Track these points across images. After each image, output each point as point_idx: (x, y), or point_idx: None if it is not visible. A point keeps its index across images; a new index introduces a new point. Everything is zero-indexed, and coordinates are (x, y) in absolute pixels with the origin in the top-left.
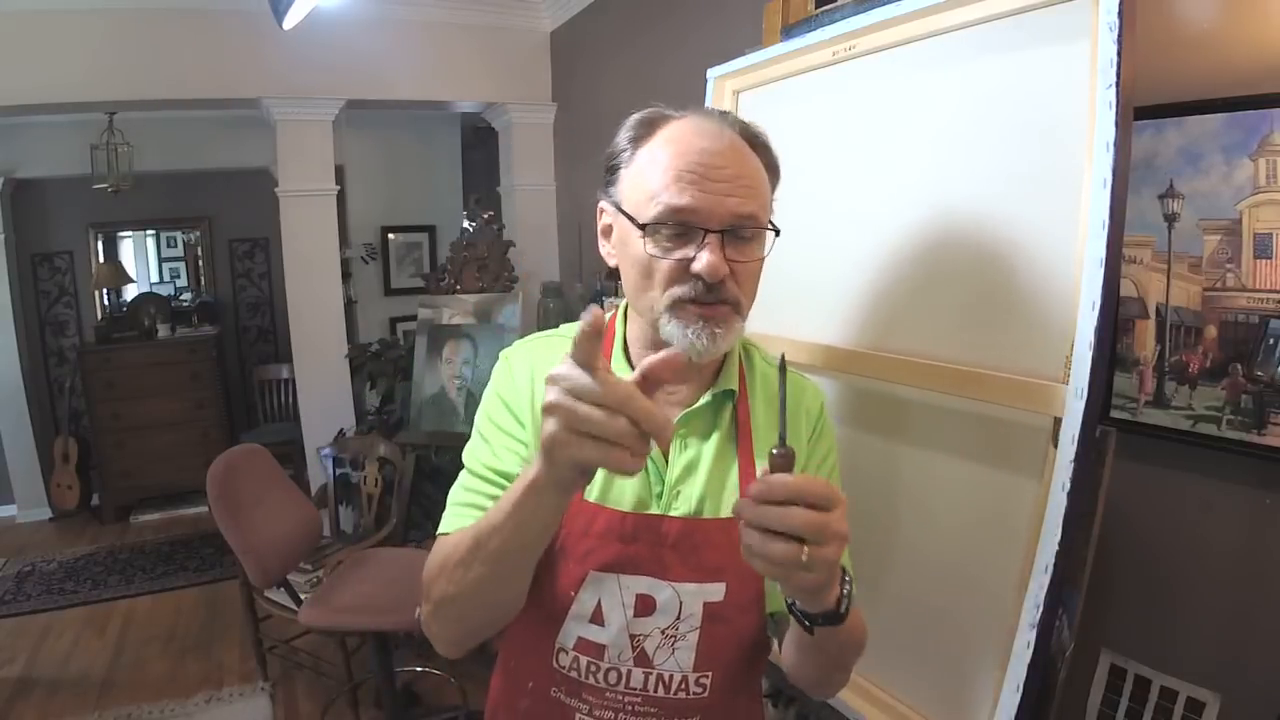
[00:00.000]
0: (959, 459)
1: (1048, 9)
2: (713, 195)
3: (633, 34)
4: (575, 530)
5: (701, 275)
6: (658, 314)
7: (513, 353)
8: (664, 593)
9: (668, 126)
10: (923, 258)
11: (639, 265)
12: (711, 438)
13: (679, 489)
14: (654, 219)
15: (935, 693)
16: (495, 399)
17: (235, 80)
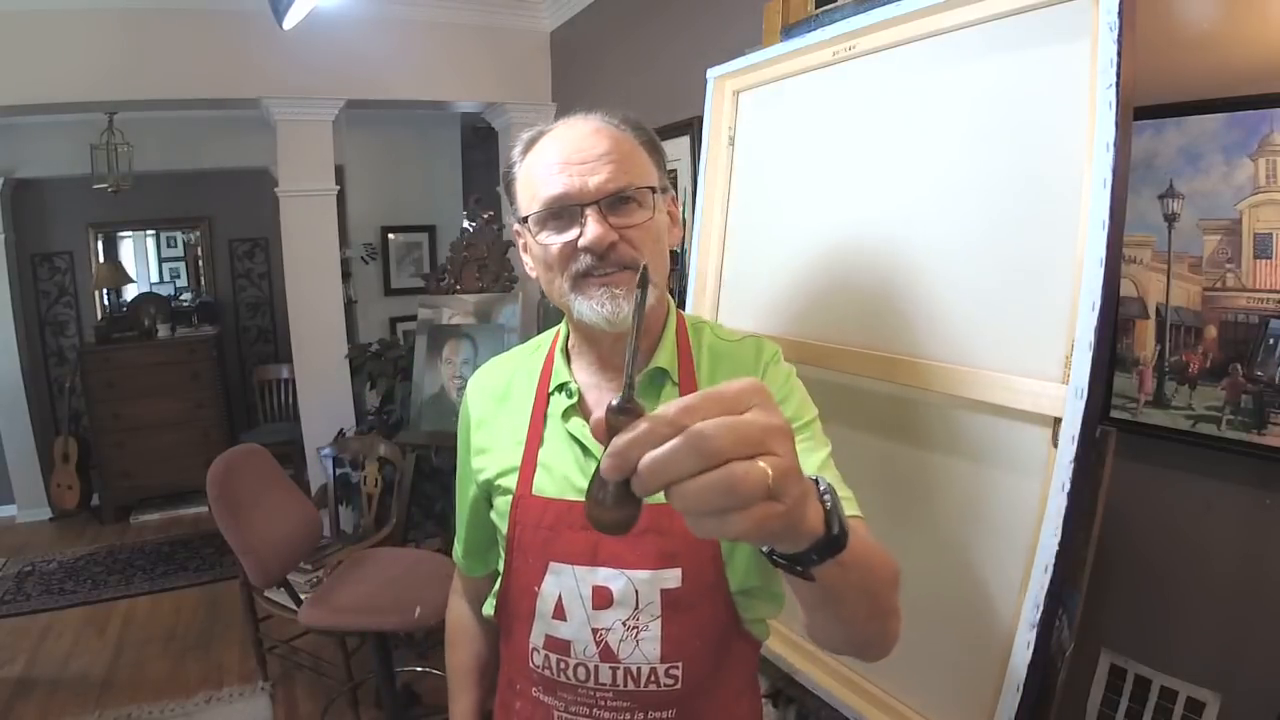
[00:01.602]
0: (959, 459)
1: (1048, 9)
2: (579, 177)
3: (633, 34)
4: (528, 523)
5: (588, 247)
6: (566, 298)
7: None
8: (618, 581)
9: (543, 138)
10: (923, 257)
11: (541, 261)
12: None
13: None
14: (536, 212)
15: (935, 693)
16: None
17: (235, 80)
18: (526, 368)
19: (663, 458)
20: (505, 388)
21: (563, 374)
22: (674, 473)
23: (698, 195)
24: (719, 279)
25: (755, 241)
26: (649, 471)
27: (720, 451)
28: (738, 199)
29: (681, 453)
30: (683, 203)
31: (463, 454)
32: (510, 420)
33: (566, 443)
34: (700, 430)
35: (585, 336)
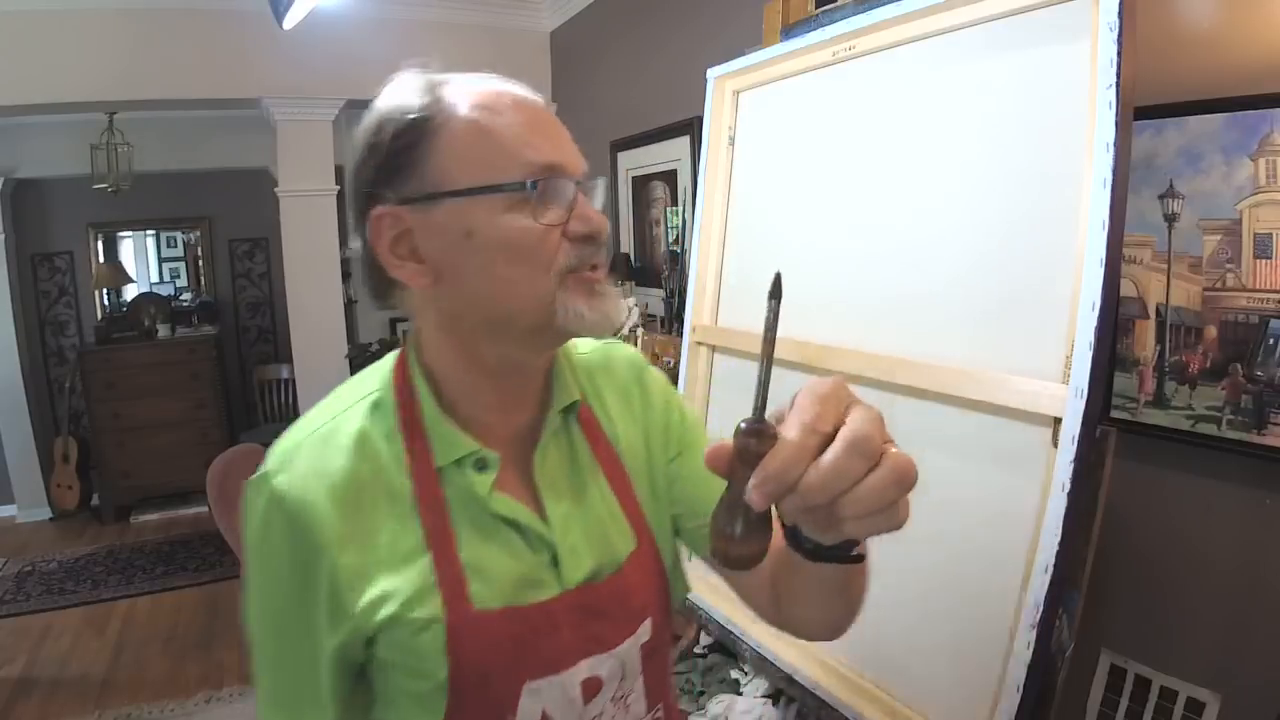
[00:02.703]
0: (959, 459)
1: (1047, 9)
2: (565, 146)
3: (633, 34)
4: (482, 648)
5: (593, 233)
6: (546, 301)
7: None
8: (607, 664)
9: (459, 87)
10: (922, 257)
11: (511, 250)
12: (572, 466)
13: (570, 544)
14: (511, 182)
15: (935, 693)
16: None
17: (235, 80)
18: (368, 441)
19: (834, 467)
20: (351, 479)
21: (457, 438)
22: (849, 479)
23: (698, 195)
24: (719, 279)
25: (755, 241)
26: (822, 484)
27: (879, 447)
28: (738, 199)
29: (849, 458)
30: (682, 203)
31: (299, 594)
32: (382, 524)
33: (495, 531)
34: (860, 431)
35: (490, 369)
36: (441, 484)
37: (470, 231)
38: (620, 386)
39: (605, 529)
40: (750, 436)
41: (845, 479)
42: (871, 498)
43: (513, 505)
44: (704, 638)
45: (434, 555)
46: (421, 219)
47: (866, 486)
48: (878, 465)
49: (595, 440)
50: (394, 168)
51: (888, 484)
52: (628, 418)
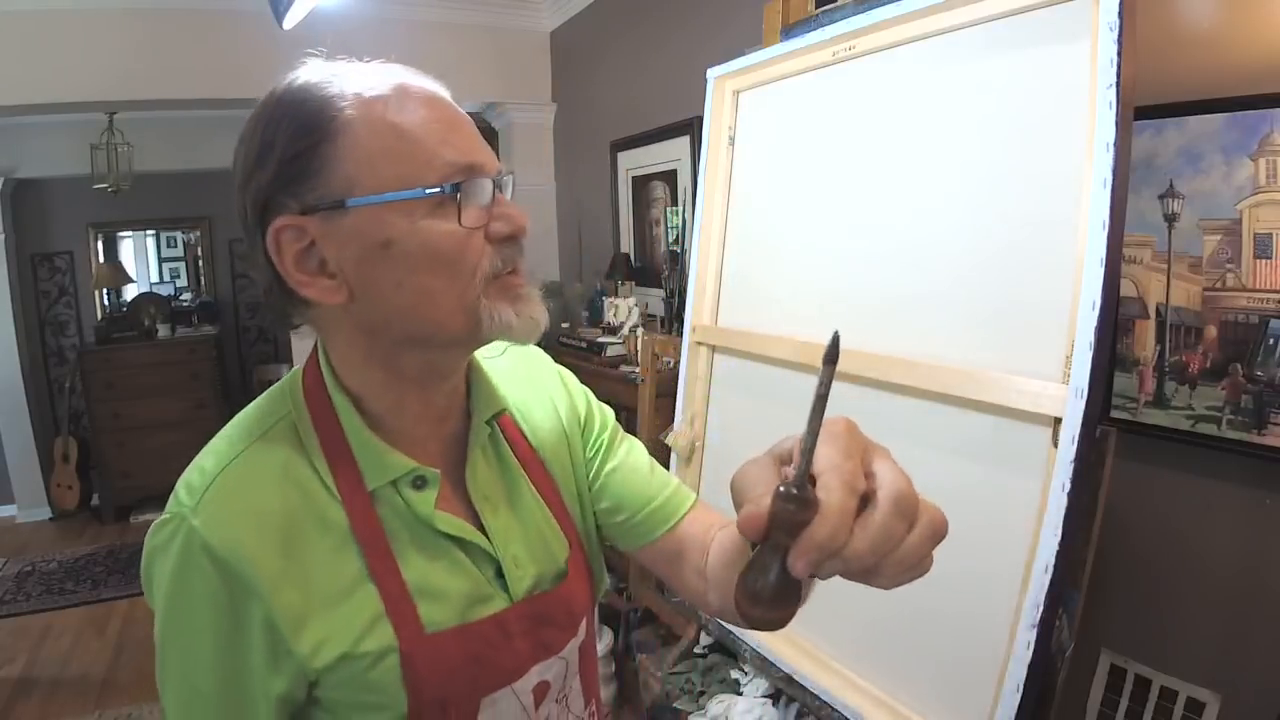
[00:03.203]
0: (959, 459)
1: (1048, 9)
2: (480, 144)
3: (633, 34)
4: (443, 670)
5: (516, 232)
6: (472, 310)
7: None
8: (554, 668)
9: (364, 81)
10: (922, 257)
11: (434, 258)
12: (502, 476)
13: (513, 555)
14: (432, 186)
15: (935, 693)
16: None
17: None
18: (292, 469)
19: (882, 533)
20: (278, 512)
21: (389, 457)
22: (894, 542)
23: (698, 195)
24: (719, 279)
25: (755, 241)
26: (871, 550)
27: (917, 504)
28: (738, 199)
29: (894, 520)
30: (682, 203)
31: (231, 645)
32: (318, 558)
33: (440, 551)
34: (899, 490)
35: (414, 379)
36: (376, 507)
37: (388, 241)
38: (537, 389)
39: (543, 536)
40: (791, 503)
41: (891, 542)
42: (913, 557)
43: (455, 522)
44: (704, 638)
45: (378, 583)
46: (329, 229)
47: (908, 546)
48: (915, 522)
49: (520, 447)
50: (293, 174)
51: (926, 541)
52: (547, 420)
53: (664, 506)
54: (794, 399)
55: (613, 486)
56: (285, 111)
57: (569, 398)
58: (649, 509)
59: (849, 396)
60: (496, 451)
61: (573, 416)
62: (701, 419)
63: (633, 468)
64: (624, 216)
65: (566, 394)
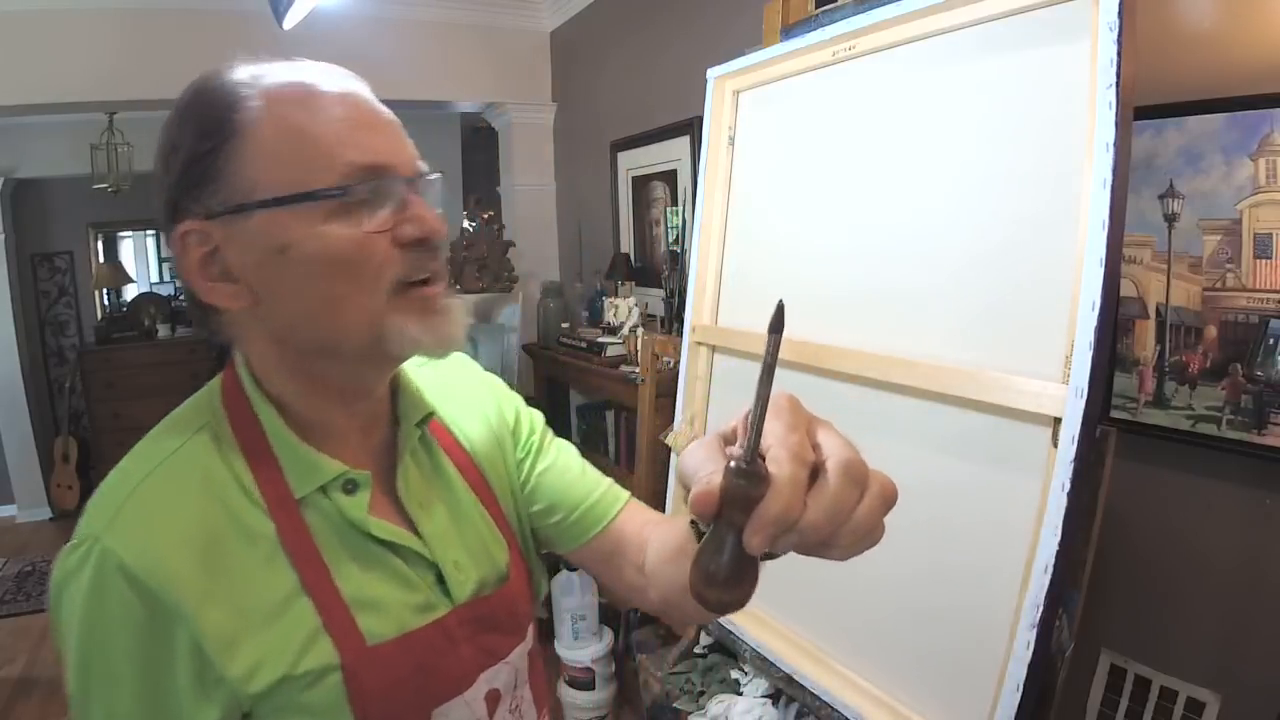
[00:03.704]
0: (959, 459)
1: (1048, 9)
2: (395, 143)
3: (633, 34)
4: (387, 684)
5: (426, 236)
6: (375, 322)
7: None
8: (503, 673)
9: (270, 79)
10: (922, 257)
11: (332, 264)
12: (435, 481)
13: (453, 559)
14: (328, 188)
15: (935, 693)
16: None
17: None
18: (214, 480)
19: (834, 503)
20: (202, 526)
21: (318, 462)
22: (847, 511)
23: (698, 195)
24: (719, 279)
25: (755, 242)
26: (826, 520)
27: (866, 470)
28: (738, 199)
29: (846, 488)
30: (682, 203)
31: (154, 673)
32: (247, 573)
33: (376, 558)
34: (847, 458)
35: (336, 390)
36: (305, 515)
37: (285, 246)
38: (465, 396)
39: (482, 540)
40: (742, 479)
41: (844, 511)
42: (867, 524)
43: (390, 528)
44: (704, 638)
45: (313, 596)
46: (230, 234)
47: (861, 513)
48: (865, 490)
49: (452, 451)
50: (197, 176)
51: (878, 508)
52: (477, 423)
53: (597, 505)
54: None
55: (545, 487)
56: (193, 113)
57: (497, 403)
58: (583, 508)
59: (849, 396)
60: (429, 456)
61: (502, 421)
62: (701, 419)
63: (564, 468)
64: (624, 216)
65: (495, 399)
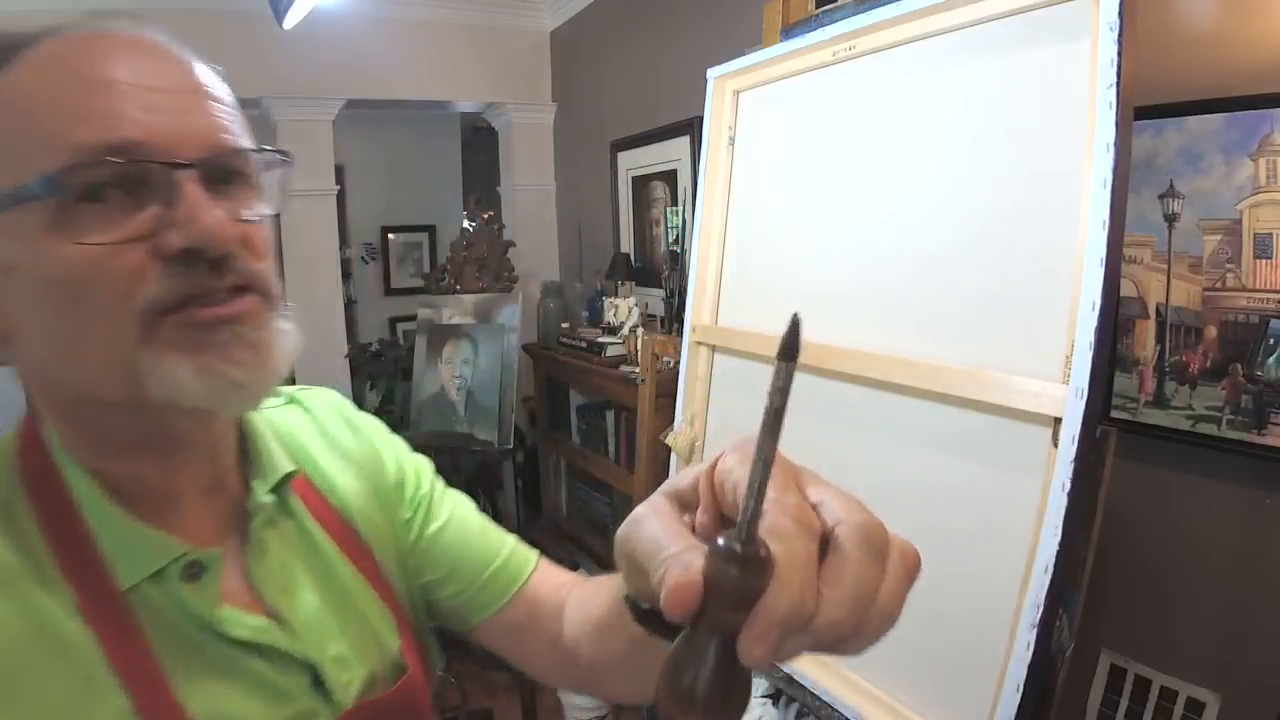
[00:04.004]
0: (959, 459)
1: (1048, 9)
2: (170, 113)
3: (633, 34)
4: None
5: (195, 246)
6: (124, 364)
7: None
8: None
9: (37, 47)
10: (923, 257)
11: (59, 289)
12: (305, 555)
13: (334, 654)
14: (69, 169)
15: (935, 693)
16: None
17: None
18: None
19: (858, 586)
20: None
21: (148, 539)
22: (872, 595)
23: (698, 195)
24: (719, 279)
25: (755, 242)
26: (852, 613)
27: (885, 535)
28: (738, 199)
29: (868, 566)
30: (682, 203)
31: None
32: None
33: (232, 662)
34: (863, 523)
35: (142, 447)
36: (135, 613)
37: (8, 266)
38: (335, 442)
39: (368, 624)
40: (735, 565)
41: (870, 595)
42: (894, 609)
43: (249, 621)
44: None
45: (135, 701)
46: None
47: (887, 596)
48: (887, 560)
49: (323, 516)
50: None
51: (904, 585)
52: (353, 478)
53: (505, 569)
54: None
55: (439, 552)
56: None
57: (375, 449)
58: (488, 574)
59: (849, 397)
60: (294, 524)
61: (381, 471)
62: (701, 419)
63: (461, 527)
64: (624, 216)
65: (372, 445)
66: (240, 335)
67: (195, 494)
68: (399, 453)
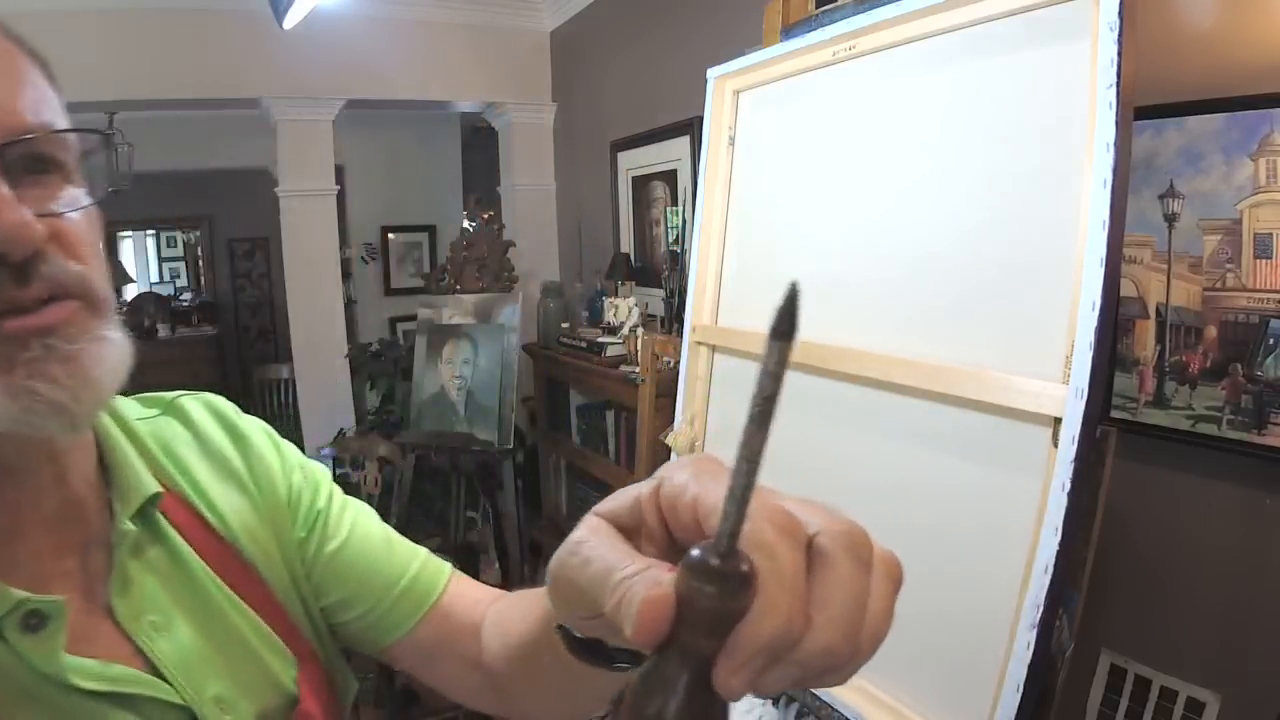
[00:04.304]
0: (959, 459)
1: (1048, 9)
2: None
3: (633, 34)
4: None
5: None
6: None
7: None
8: None
9: None
10: (923, 257)
11: None
12: (178, 584)
13: (213, 695)
14: None
15: (935, 693)
16: None
17: (235, 80)
18: None
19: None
20: None
21: None
22: (862, 608)
23: (698, 195)
24: (719, 279)
25: (756, 242)
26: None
27: (869, 543)
28: (738, 199)
29: (858, 579)
30: (682, 203)
31: None
32: None
33: (78, 714)
34: (845, 530)
35: None
36: None
37: None
38: (213, 454)
39: (255, 657)
40: (714, 581)
41: (860, 612)
42: (884, 625)
43: (104, 670)
44: None
45: None
46: None
47: (876, 614)
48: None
49: (200, 541)
50: None
51: (892, 598)
52: (234, 495)
53: (415, 586)
54: (794, 399)
55: (340, 572)
56: None
57: (263, 461)
58: (397, 592)
59: (849, 397)
60: (166, 549)
61: (270, 486)
62: (701, 419)
63: (362, 543)
64: (624, 216)
65: (260, 457)
66: (54, 349)
67: (39, 528)
68: (291, 464)
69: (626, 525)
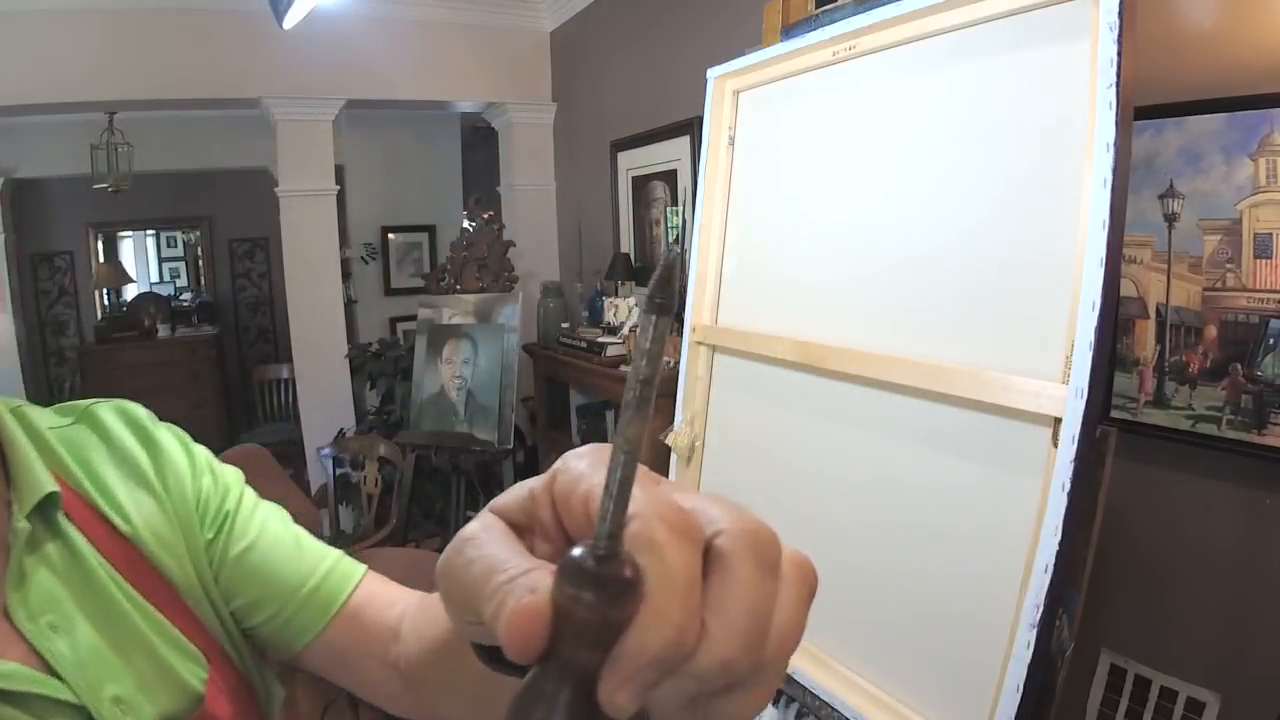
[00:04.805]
0: (959, 459)
1: (1048, 9)
2: None
3: (633, 34)
4: None
5: None
6: None
7: None
8: None
9: None
10: (923, 257)
11: None
12: (77, 583)
13: (111, 695)
14: None
15: (935, 693)
16: None
17: (235, 80)
18: None
19: (753, 611)
20: None
21: None
22: (766, 616)
23: (698, 195)
24: (719, 279)
25: (755, 241)
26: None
27: (777, 545)
28: (738, 199)
29: (764, 583)
30: (682, 203)
31: None
32: None
33: None
34: (749, 529)
35: None
36: None
37: None
38: (123, 459)
39: (157, 658)
40: (590, 588)
41: (764, 621)
42: (793, 635)
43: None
44: None
45: None
46: None
47: (784, 622)
48: (780, 577)
49: (102, 540)
50: None
51: (804, 605)
52: (143, 498)
53: (322, 588)
54: (795, 399)
55: (247, 574)
56: None
57: (174, 466)
58: (304, 593)
59: (850, 396)
60: (66, 548)
61: (179, 489)
62: (701, 419)
63: (273, 543)
64: (624, 216)
65: (170, 461)
66: None
67: None
68: (201, 467)
69: (519, 522)
